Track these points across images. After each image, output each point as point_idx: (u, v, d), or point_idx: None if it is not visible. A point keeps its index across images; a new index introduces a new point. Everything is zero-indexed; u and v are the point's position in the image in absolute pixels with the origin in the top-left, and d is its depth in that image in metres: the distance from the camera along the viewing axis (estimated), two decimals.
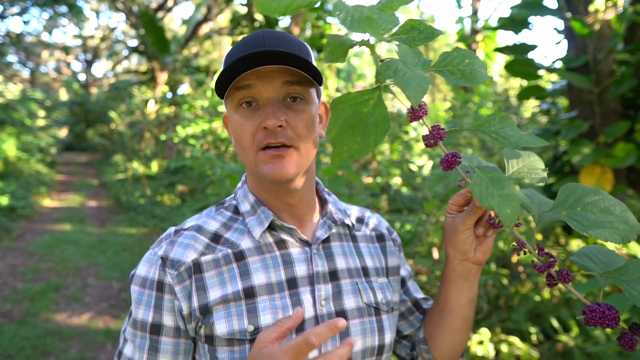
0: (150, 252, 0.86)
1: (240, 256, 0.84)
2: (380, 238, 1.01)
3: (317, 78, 0.79)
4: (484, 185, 0.65)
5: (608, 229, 0.65)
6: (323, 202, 0.95)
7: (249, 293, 0.81)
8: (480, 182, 0.65)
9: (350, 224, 0.95)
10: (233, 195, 0.95)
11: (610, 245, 2.76)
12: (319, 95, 0.88)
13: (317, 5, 8.36)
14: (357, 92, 0.68)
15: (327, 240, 0.90)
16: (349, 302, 0.86)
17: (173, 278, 0.80)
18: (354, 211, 1.02)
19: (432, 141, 0.70)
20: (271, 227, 0.87)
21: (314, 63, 0.83)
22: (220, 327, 0.78)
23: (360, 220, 1.01)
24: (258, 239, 0.85)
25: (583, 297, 0.65)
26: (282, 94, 0.80)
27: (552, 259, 0.68)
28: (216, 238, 0.86)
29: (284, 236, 0.87)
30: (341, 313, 0.85)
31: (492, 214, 0.77)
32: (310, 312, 0.82)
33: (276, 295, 0.81)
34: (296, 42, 0.83)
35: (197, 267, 0.81)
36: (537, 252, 0.69)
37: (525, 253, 0.70)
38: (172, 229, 0.88)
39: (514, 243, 0.70)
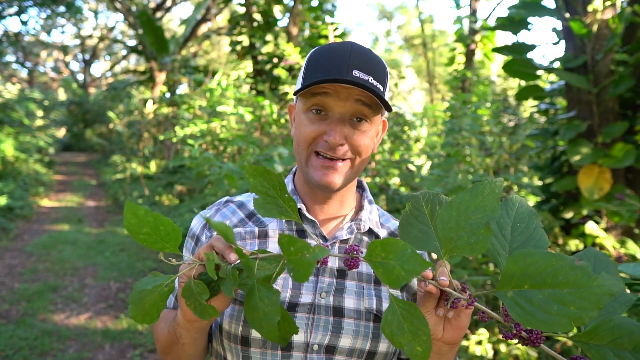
0: (204, 211, 1.04)
1: (263, 235, 0.95)
2: None
3: (387, 106, 0.87)
4: (395, 323, 0.64)
5: (555, 315, 0.56)
6: (360, 209, 1.00)
7: None
8: (391, 319, 0.64)
9: (378, 235, 0.99)
10: None
11: (609, 245, 2.76)
12: (382, 115, 0.95)
13: (316, 4, 8.36)
14: None
15: (346, 242, 0.95)
16: (349, 302, 0.90)
17: (207, 238, 0.97)
18: (393, 226, 1.04)
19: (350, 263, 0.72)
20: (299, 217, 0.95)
21: (388, 86, 0.91)
22: None
23: (394, 235, 1.04)
24: (284, 223, 0.95)
25: (558, 355, 0.63)
26: (351, 111, 0.87)
27: (518, 326, 0.66)
28: (250, 215, 0.99)
29: (307, 227, 0.94)
30: (339, 309, 0.88)
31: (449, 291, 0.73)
32: (307, 299, 0.88)
33: (281, 274, 0.89)
34: (378, 63, 0.89)
35: None
36: (504, 318, 0.67)
37: (490, 319, 0.68)
38: (225, 198, 1.05)
39: (477, 314, 0.69)
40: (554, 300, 0.56)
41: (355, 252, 0.71)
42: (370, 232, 0.99)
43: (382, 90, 0.87)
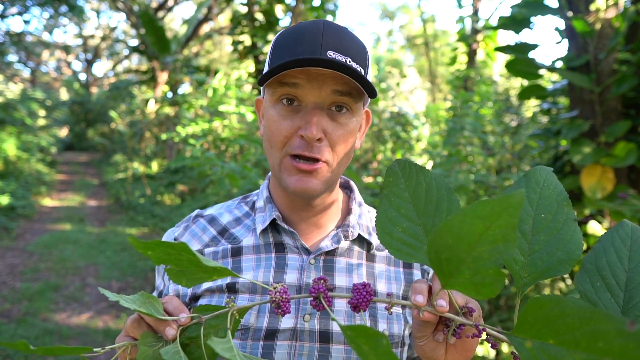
0: (172, 229, 0.92)
1: (237, 252, 0.84)
2: (407, 264, 0.88)
3: (370, 91, 0.73)
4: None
5: None
6: (347, 213, 0.88)
7: (232, 288, 0.80)
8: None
9: (370, 242, 0.86)
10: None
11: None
12: (364, 104, 0.81)
13: (318, 4, 8.37)
14: None
15: (332, 254, 0.83)
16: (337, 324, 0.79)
17: None
18: None
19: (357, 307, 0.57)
20: (275, 228, 0.85)
21: (370, 70, 0.78)
22: None
23: None
24: (259, 237, 0.84)
25: None
26: (329, 101, 0.74)
27: None
28: (223, 232, 0.87)
29: (286, 239, 0.84)
30: (325, 333, 0.77)
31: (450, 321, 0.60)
32: (288, 324, 0.77)
33: (257, 296, 0.79)
34: (357, 43, 0.76)
35: None
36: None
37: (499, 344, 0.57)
38: (194, 213, 0.93)
39: (489, 341, 0.58)
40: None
41: (323, 294, 0.56)
42: (361, 239, 0.86)
43: (362, 73, 0.74)
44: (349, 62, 0.72)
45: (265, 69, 0.77)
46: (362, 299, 0.56)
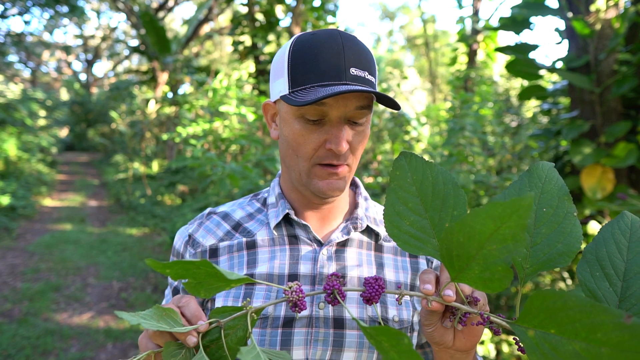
0: (186, 226, 0.97)
1: (252, 245, 0.88)
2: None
3: (393, 105, 0.79)
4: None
5: None
6: (355, 207, 0.94)
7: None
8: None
9: (378, 232, 0.91)
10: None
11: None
12: None
13: (318, 4, 8.37)
14: None
15: (343, 245, 0.88)
16: (351, 311, 0.81)
17: (190, 256, 0.91)
18: None
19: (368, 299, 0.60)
20: (289, 222, 0.90)
21: (377, 72, 0.84)
22: (218, 303, 0.85)
23: None
24: (273, 230, 0.88)
25: None
26: (351, 114, 0.79)
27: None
28: (237, 226, 0.92)
29: (299, 232, 0.89)
30: (339, 320, 0.82)
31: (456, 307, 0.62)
32: (304, 312, 0.81)
33: (273, 286, 0.82)
34: (368, 52, 0.81)
35: (213, 252, 0.90)
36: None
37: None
38: (207, 210, 0.98)
39: (492, 329, 0.60)
40: (588, 357, 0.43)
41: (337, 290, 0.58)
42: (369, 230, 0.92)
43: (375, 83, 0.81)
44: (367, 76, 0.79)
45: (286, 82, 0.80)
46: (375, 292, 0.58)
